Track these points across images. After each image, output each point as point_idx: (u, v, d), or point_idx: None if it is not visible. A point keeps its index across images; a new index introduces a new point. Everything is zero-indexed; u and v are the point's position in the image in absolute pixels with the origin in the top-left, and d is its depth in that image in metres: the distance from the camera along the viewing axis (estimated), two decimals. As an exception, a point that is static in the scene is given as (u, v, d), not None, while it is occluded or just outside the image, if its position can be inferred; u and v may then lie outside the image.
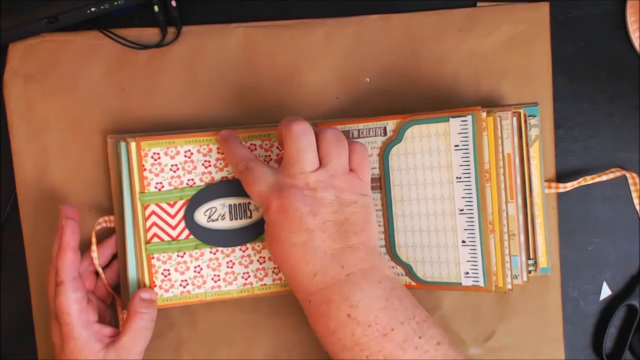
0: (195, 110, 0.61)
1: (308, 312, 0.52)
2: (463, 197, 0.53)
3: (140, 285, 0.57)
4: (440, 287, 0.55)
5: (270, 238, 0.52)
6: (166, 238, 0.57)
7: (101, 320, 0.57)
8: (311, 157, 0.51)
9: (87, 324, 0.54)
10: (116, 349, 0.53)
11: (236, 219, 0.58)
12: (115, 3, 0.59)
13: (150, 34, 0.61)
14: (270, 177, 0.52)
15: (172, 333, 0.61)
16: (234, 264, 0.58)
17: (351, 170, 0.53)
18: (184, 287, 0.57)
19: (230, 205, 0.58)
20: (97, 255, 0.57)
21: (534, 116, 0.59)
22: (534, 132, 0.59)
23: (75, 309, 0.53)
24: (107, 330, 0.55)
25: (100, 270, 0.57)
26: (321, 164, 0.52)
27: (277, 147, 0.59)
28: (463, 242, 0.54)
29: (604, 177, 0.61)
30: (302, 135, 0.51)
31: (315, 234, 0.50)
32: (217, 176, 0.58)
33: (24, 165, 0.60)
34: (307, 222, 0.50)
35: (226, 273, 0.58)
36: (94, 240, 0.57)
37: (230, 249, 0.58)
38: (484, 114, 0.53)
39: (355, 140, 0.58)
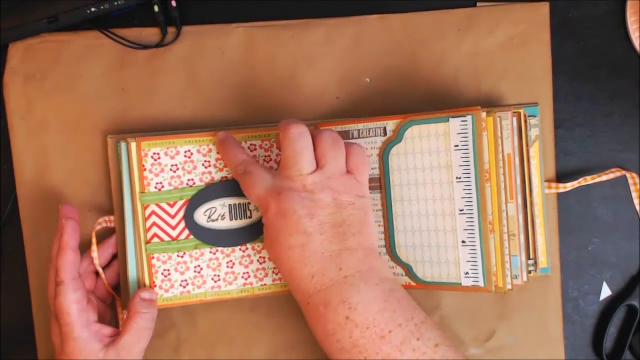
0: (195, 110, 0.61)
1: (306, 313, 0.52)
2: (463, 197, 0.53)
3: (140, 285, 0.57)
4: (440, 287, 0.55)
5: (268, 240, 0.52)
6: (166, 238, 0.57)
7: (101, 320, 0.57)
8: (308, 159, 0.51)
9: (86, 323, 0.54)
10: (116, 349, 0.53)
11: (236, 219, 0.58)
12: (115, 3, 0.59)
13: (150, 34, 0.61)
14: (268, 179, 0.52)
15: (172, 333, 0.61)
16: (233, 264, 0.58)
17: (348, 172, 0.53)
18: (184, 287, 0.57)
19: (230, 205, 0.58)
20: (97, 255, 0.57)
21: (534, 116, 0.59)
22: (534, 132, 0.59)
23: (75, 308, 0.53)
24: (107, 330, 0.55)
25: (100, 270, 0.57)
26: (318, 166, 0.52)
27: (277, 148, 0.59)
28: (463, 242, 0.54)
29: (604, 177, 0.61)
30: (298, 138, 0.51)
31: (313, 236, 0.50)
32: (217, 176, 0.58)
33: (24, 165, 0.60)
34: (304, 224, 0.50)
35: (226, 273, 0.58)
36: (94, 240, 0.57)
37: (230, 249, 0.58)
38: (484, 114, 0.53)
39: (354, 140, 0.58)
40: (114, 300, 0.60)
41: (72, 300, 0.53)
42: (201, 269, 0.58)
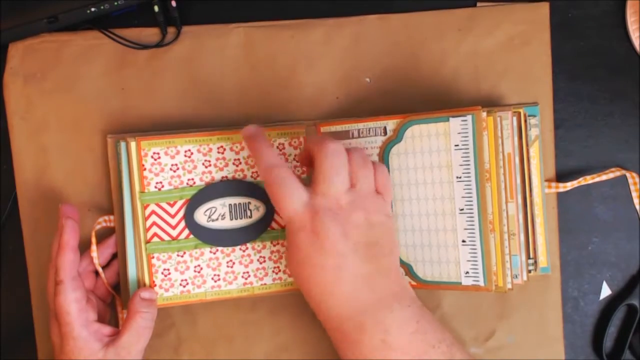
0: (195, 110, 0.61)
1: (338, 338, 0.51)
2: (463, 197, 0.53)
3: (140, 284, 0.57)
4: (440, 286, 0.55)
5: (296, 260, 0.50)
6: (166, 238, 0.57)
7: (101, 319, 0.57)
8: (344, 176, 0.50)
9: (86, 323, 0.53)
10: (116, 348, 0.53)
11: (236, 219, 0.58)
12: (115, 3, 0.59)
13: (150, 34, 0.61)
14: (303, 194, 0.50)
15: (172, 332, 0.61)
16: (234, 263, 0.58)
17: (377, 191, 0.53)
18: (184, 286, 0.57)
19: (230, 205, 0.58)
20: (97, 255, 0.57)
21: (534, 116, 0.59)
22: (534, 132, 0.59)
23: (75, 308, 0.53)
24: (107, 330, 0.55)
25: (100, 269, 0.57)
26: (350, 184, 0.51)
27: (277, 147, 0.59)
28: (463, 241, 0.54)
29: (604, 177, 0.61)
30: (336, 154, 0.50)
31: (347, 257, 0.49)
32: (217, 176, 0.58)
33: (24, 165, 0.60)
34: (339, 244, 0.49)
35: (226, 272, 0.58)
36: (93, 240, 0.57)
37: (230, 248, 0.58)
38: (484, 114, 0.53)
39: (355, 140, 0.58)
40: (114, 300, 0.60)
41: (72, 299, 0.53)
42: (201, 268, 0.58)
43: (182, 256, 0.57)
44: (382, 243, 0.51)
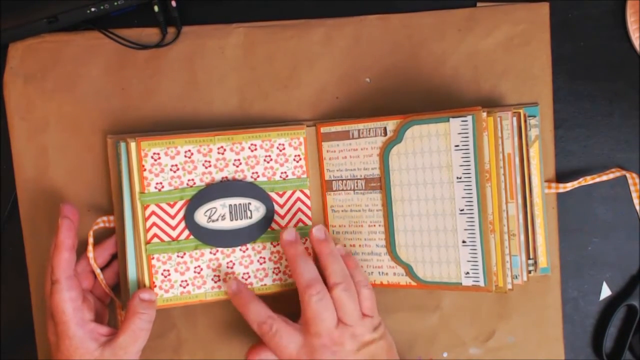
0: (195, 110, 0.61)
1: None
2: (463, 197, 0.53)
3: (140, 285, 0.57)
4: (440, 287, 0.55)
5: None
6: (166, 238, 0.57)
7: (99, 319, 0.56)
8: (331, 315, 0.54)
9: (82, 322, 0.53)
10: (112, 348, 0.53)
11: (236, 220, 0.58)
12: (115, 3, 0.59)
13: (150, 34, 0.61)
14: (298, 338, 0.54)
15: (172, 333, 0.61)
16: (234, 264, 0.58)
17: (363, 314, 0.55)
18: (184, 287, 0.57)
19: (230, 206, 0.58)
20: (94, 256, 0.57)
21: (534, 116, 0.59)
22: (533, 132, 0.59)
23: (70, 307, 0.53)
24: (103, 330, 0.55)
25: (97, 270, 0.57)
26: (338, 318, 0.54)
27: (277, 148, 0.59)
28: (463, 242, 0.54)
29: (604, 177, 0.61)
30: (319, 302, 0.53)
31: None
32: (218, 176, 0.58)
33: (24, 165, 0.60)
34: None
35: (226, 273, 0.58)
36: (90, 240, 0.57)
37: (230, 249, 0.58)
38: (485, 114, 0.53)
39: (355, 140, 0.58)
40: (113, 300, 0.60)
41: (67, 299, 0.53)
42: (201, 269, 0.58)
43: (182, 257, 0.57)
44: (379, 354, 0.55)
